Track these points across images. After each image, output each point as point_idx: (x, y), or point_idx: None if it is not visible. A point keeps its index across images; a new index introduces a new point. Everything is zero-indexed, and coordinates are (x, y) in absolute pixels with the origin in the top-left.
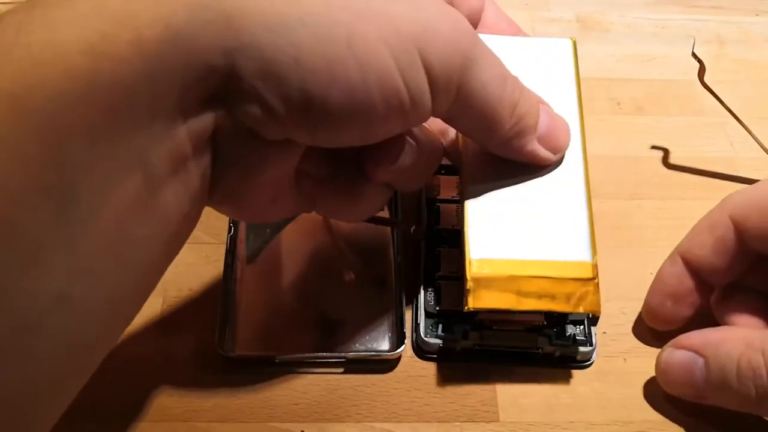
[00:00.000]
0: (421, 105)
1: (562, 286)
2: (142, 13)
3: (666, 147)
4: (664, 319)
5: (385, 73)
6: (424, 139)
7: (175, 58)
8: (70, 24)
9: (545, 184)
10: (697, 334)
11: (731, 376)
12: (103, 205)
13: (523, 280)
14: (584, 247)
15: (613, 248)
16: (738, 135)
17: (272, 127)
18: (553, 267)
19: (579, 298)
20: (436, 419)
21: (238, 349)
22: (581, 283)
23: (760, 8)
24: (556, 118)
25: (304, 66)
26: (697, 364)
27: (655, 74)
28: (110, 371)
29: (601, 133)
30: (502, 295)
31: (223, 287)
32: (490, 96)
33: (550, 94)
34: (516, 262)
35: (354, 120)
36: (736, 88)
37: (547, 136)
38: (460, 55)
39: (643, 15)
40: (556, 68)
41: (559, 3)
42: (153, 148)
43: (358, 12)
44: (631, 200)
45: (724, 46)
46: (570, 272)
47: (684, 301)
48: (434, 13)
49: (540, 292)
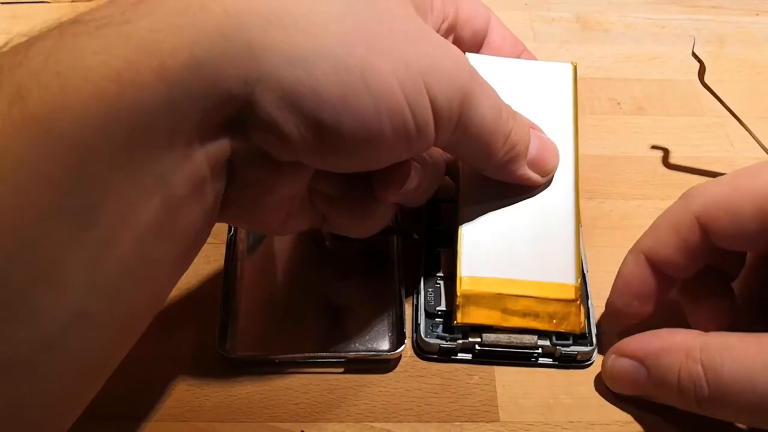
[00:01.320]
0: (426, 134)
1: (546, 305)
2: (166, 42)
3: (666, 147)
4: (630, 318)
5: (395, 104)
6: (429, 160)
7: (196, 86)
8: (97, 52)
9: (537, 208)
10: (639, 340)
11: (672, 386)
12: (123, 226)
13: (510, 298)
14: (569, 270)
15: (613, 248)
16: (738, 135)
17: (286, 152)
18: (539, 287)
19: (561, 318)
20: (436, 419)
21: (238, 349)
22: (564, 304)
23: (760, 8)
24: (545, 141)
25: (320, 96)
26: (640, 372)
27: (655, 74)
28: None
29: (601, 133)
30: (489, 311)
31: (223, 287)
32: (487, 126)
33: (546, 117)
34: (503, 281)
35: (363, 147)
36: (736, 88)
37: (536, 161)
38: (461, 89)
39: (643, 15)
40: (554, 91)
41: (559, 3)
42: (173, 171)
43: (372, 46)
44: (631, 200)
45: (724, 46)
46: (554, 293)
47: (649, 299)
48: (439, 49)
49: (524, 311)
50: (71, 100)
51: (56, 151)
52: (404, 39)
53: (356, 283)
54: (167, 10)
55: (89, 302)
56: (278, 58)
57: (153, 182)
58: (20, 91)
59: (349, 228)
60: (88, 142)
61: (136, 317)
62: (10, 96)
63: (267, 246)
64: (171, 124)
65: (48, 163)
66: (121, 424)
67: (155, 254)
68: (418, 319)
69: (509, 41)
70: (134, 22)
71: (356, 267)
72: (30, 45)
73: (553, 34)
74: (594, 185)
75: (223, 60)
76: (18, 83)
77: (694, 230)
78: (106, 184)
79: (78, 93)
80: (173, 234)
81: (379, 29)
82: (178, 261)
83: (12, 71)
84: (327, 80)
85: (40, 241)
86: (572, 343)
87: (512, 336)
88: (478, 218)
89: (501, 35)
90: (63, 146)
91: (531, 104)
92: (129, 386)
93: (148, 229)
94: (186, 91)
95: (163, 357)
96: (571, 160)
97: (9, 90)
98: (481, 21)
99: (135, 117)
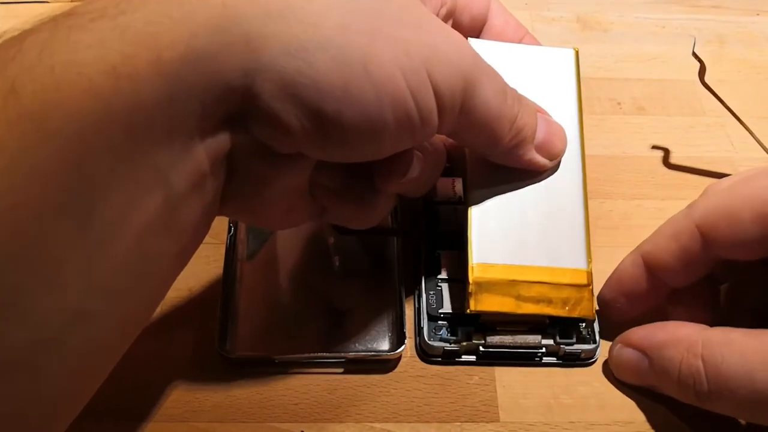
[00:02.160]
0: (429, 123)
1: (559, 291)
2: (162, 35)
3: (666, 147)
4: (615, 313)
5: (397, 94)
6: (430, 149)
7: (195, 79)
8: (91, 45)
9: (545, 193)
10: (644, 331)
11: (673, 379)
12: (123, 223)
13: (523, 284)
14: (580, 255)
15: (614, 248)
16: (738, 135)
17: (287, 144)
18: (551, 273)
19: (574, 304)
20: (436, 419)
21: (238, 349)
22: (576, 289)
23: (760, 8)
24: (552, 125)
25: (321, 87)
26: (643, 362)
27: (655, 74)
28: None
29: (601, 133)
30: (503, 298)
31: (223, 287)
32: (491, 112)
33: (550, 102)
34: (516, 267)
35: (366, 137)
36: (736, 88)
37: (543, 144)
38: (464, 75)
39: (643, 15)
40: (558, 76)
41: (559, 3)
42: (172, 166)
43: (373, 35)
44: (631, 200)
45: (724, 46)
46: (566, 278)
47: (637, 300)
48: (440, 36)
49: (538, 297)
50: (66, 96)
51: (52, 148)
52: (405, 27)
53: (356, 284)
54: (163, 1)
55: (88, 300)
56: (278, 48)
57: (152, 178)
58: (14, 86)
59: (349, 219)
60: (84, 138)
61: (135, 315)
62: (4, 91)
63: (267, 246)
64: (170, 119)
65: (44, 160)
66: (120, 424)
67: (155, 251)
68: (421, 323)
69: (511, 26)
70: (129, 14)
71: (356, 267)
72: (23, 38)
73: (553, 34)
74: (594, 185)
75: (222, 52)
76: (12, 78)
77: (695, 238)
78: (105, 181)
79: (73, 88)
80: (173, 230)
81: (380, 18)
82: (177, 257)
83: (5, 65)
84: (327, 70)
85: (38, 240)
86: (576, 342)
87: (516, 336)
88: (487, 205)
89: (503, 20)
90: (59, 143)
91: (535, 89)
92: (128, 386)
93: (148, 225)
94: (184, 84)
95: (162, 357)
96: (576, 143)
97: (3, 85)
98: (481, 5)
99: (132, 112)
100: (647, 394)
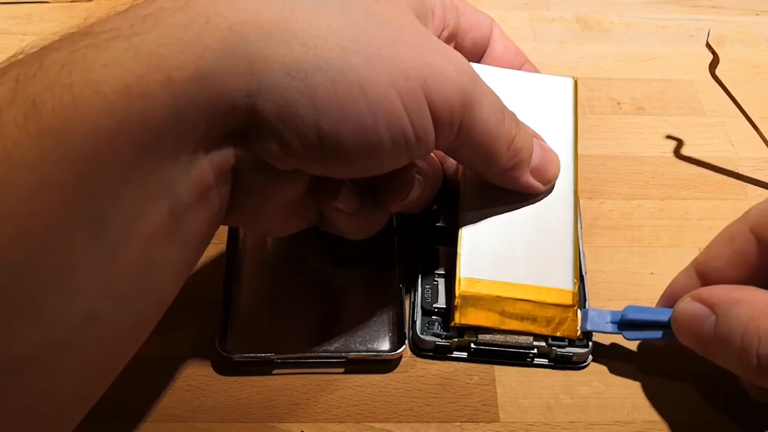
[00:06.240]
0: (426, 141)
1: (544, 310)
2: (172, 56)
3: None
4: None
5: (393, 114)
6: (429, 170)
7: (202, 98)
8: (107, 65)
9: (536, 215)
10: (719, 289)
11: (736, 340)
12: (132, 231)
13: (508, 301)
14: (567, 275)
15: (613, 248)
16: (738, 135)
17: (287, 161)
18: (537, 292)
19: (558, 323)
20: (436, 419)
21: (238, 349)
22: (561, 309)
23: (760, 8)
24: (547, 151)
25: (319, 107)
26: (709, 320)
27: (655, 74)
28: None
29: (601, 133)
30: (488, 313)
31: (223, 287)
32: (489, 132)
33: (547, 128)
34: (502, 284)
35: (363, 154)
36: (736, 88)
37: (538, 168)
38: (462, 95)
39: (643, 15)
40: (555, 104)
41: (559, 3)
42: (179, 179)
43: (370, 57)
44: (631, 200)
45: (724, 46)
46: (552, 298)
47: None
48: (439, 55)
49: (522, 314)
50: (83, 113)
51: (69, 161)
52: (404, 48)
53: (357, 284)
54: (173, 24)
55: (99, 304)
56: (279, 70)
57: (160, 190)
58: (35, 103)
59: (345, 230)
60: (98, 153)
61: (143, 318)
62: (26, 107)
63: (267, 246)
64: (178, 135)
65: (61, 172)
66: (120, 424)
67: (162, 257)
68: (415, 316)
69: (511, 52)
70: (143, 34)
71: (356, 267)
72: (43, 57)
73: (553, 34)
74: (594, 185)
75: (227, 73)
76: (33, 95)
77: (749, 241)
78: (116, 192)
79: (90, 105)
80: (179, 238)
81: (379, 41)
82: (183, 264)
83: (27, 83)
84: (326, 92)
85: (52, 247)
86: (567, 345)
87: (508, 336)
88: (479, 222)
89: (503, 46)
90: (75, 156)
91: (532, 115)
92: (129, 386)
93: (156, 234)
94: (192, 103)
95: (162, 357)
96: (570, 170)
97: (24, 101)
98: (483, 31)
99: (144, 128)
100: (647, 394)
